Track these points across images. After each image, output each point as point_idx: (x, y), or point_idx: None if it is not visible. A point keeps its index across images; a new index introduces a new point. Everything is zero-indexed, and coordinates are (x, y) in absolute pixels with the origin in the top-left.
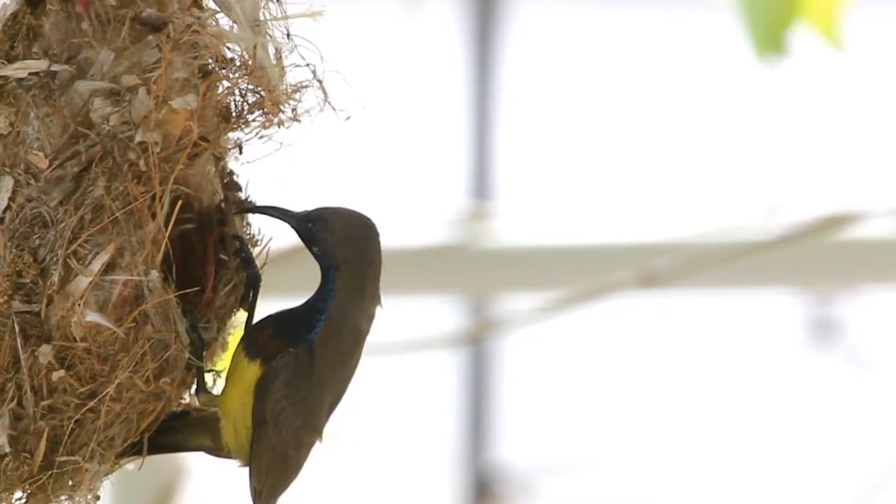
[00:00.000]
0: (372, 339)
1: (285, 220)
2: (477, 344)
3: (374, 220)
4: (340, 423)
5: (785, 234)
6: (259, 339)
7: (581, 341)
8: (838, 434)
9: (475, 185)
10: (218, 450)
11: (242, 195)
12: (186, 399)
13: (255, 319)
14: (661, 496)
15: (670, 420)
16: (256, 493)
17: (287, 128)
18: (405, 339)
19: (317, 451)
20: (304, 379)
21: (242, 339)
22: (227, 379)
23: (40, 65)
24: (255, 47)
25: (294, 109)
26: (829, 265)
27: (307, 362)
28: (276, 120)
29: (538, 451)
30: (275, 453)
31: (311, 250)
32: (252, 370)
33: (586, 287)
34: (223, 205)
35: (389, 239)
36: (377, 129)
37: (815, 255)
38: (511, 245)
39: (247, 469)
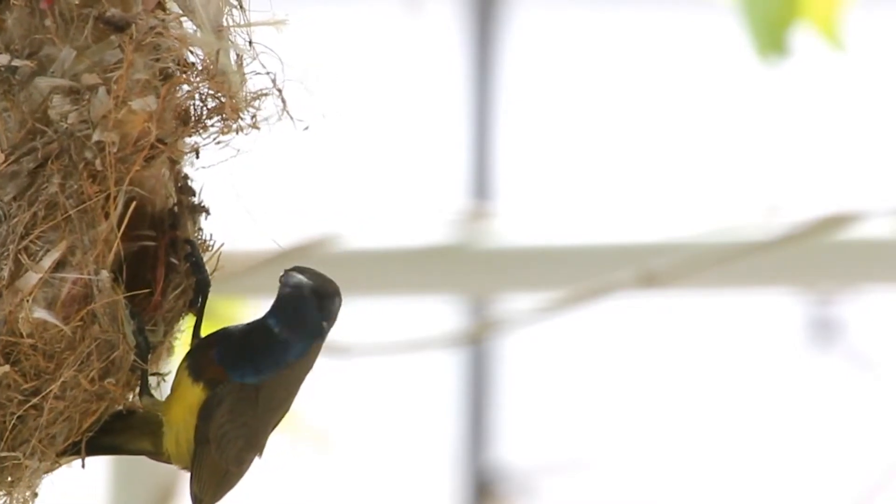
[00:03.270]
0: (372, 340)
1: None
2: (477, 344)
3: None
4: (340, 423)
5: (785, 234)
6: (202, 360)
7: (581, 341)
8: (838, 434)
9: (475, 185)
10: (158, 454)
11: (196, 199)
12: (130, 399)
13: (203, 323)
14: (660, 496)
15: (670, 420)
16: (197, 500)
17: (246, 135)
18: (405, 339)
19: (317, 450)
20: (248, 405)
21: (188, 354)
22: (172, 389)
23: (1, 59)
24: (217, 52)
25: (254, 116)
26: (829, 265)
27: (252, 390)
28: (234, 126)
29: (538, 451)
30: (216, 469)
31: (322, 326)
32: (195, 392)
33: (586, 287)
34: (176, 208)
35: (389, 239)
36: (377, 130)
37: (815, 255)
38: (511, 245)
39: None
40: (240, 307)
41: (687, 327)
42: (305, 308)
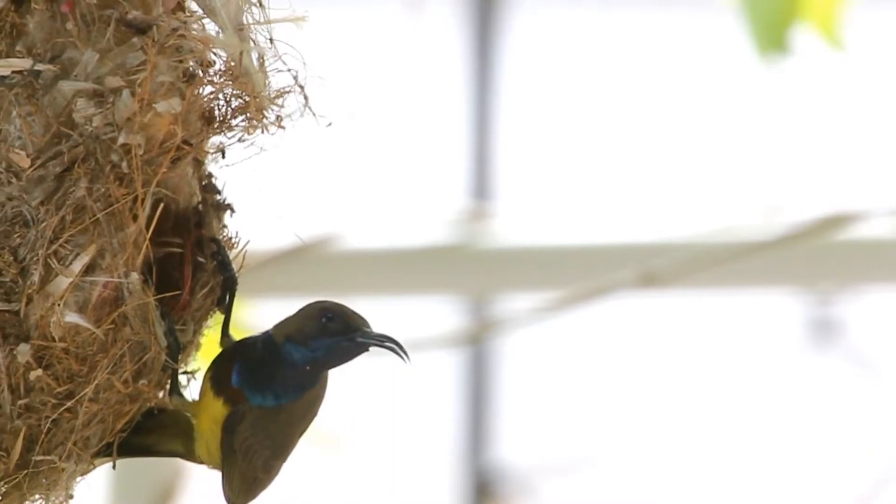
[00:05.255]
0: None
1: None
2: (477, 344)
3: None
4: (340, 423)
5: (785, 234)
6: (222, 376)
7: (581, 341)
8: (838, 434)
9: (475, 185)
10: (190, 455)
11: (220, 197)
12: (161, 396)
13: (232, 322)
14: (661, 496)
15: (670, 420)
16: (230, 502)
17: (272, 134)
18: (405, 339)
19: (317, 450)
20: (270, 420)
21: (212, 364)
22: (199, 396)
23: (24, 63)
24: (241, 53)
25: (278, 116)
26: (829, 265)
27: (272, 411)
28: (259, 125)
29: (538, 451)
30: (245, 477)
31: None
32: (217, 406)
33: (586, 287)
34: (200, 207)
35: (389, 239)
36: (377, 130)
37: (815, 255)
38: (511, 245)
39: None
40: (243, 306)
41: (687, 327)
42: (342, 353)
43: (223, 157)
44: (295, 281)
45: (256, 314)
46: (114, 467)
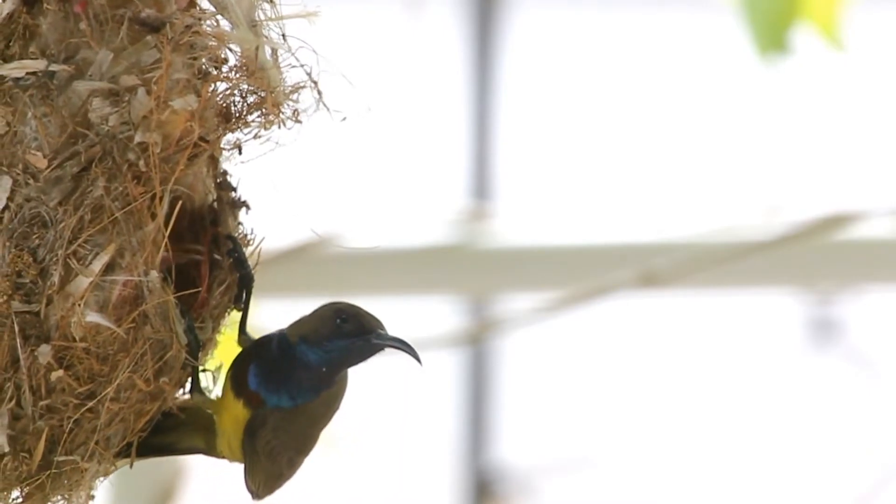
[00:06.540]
0: None
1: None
2: (477, 344)
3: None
4: (340, 423)
5: (785, 234)
6: (241, 377)
7: (581, 341)
8: (838, 434)
9: (475, 185)
10: (211, 450)
11: (235, 195)
12: (181, 394)
13: (249, 319)
14: (661, 496)
15: (670, 420)
16: (253, 494)
17: (288, 129)
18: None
19: (318, 450)
20: (291, 421)
21: (232, 364)
22: (221, 394)
23: (38, 64)
24: (256, 49)
25: (295, 111)
26: (829, 265)
27: (290, 411)
28: (275, 121)
29: (538, 451)
30: (270, 474)
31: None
32: (238, 407)
33: (586, 287)
34: (215, 204)
35: (389, 239)
36: (377, 130)
37: (815, 255)
38: (511, 245)
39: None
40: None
41: (687, 327)
42: (357, 354)
43: (240, 153)
44: (295, 281)
45: (256, 314)
46: (130, 466)
